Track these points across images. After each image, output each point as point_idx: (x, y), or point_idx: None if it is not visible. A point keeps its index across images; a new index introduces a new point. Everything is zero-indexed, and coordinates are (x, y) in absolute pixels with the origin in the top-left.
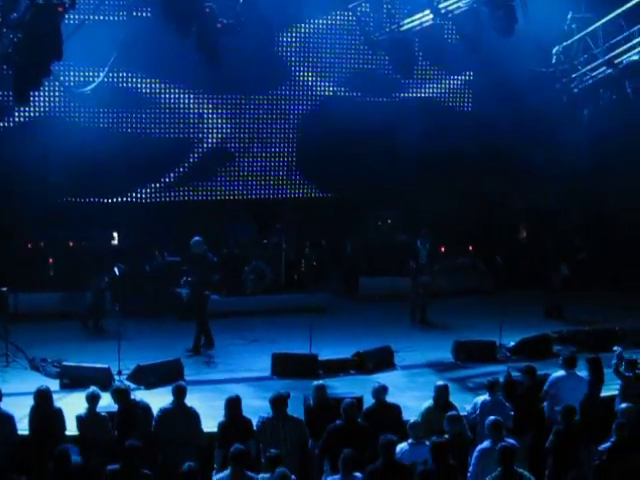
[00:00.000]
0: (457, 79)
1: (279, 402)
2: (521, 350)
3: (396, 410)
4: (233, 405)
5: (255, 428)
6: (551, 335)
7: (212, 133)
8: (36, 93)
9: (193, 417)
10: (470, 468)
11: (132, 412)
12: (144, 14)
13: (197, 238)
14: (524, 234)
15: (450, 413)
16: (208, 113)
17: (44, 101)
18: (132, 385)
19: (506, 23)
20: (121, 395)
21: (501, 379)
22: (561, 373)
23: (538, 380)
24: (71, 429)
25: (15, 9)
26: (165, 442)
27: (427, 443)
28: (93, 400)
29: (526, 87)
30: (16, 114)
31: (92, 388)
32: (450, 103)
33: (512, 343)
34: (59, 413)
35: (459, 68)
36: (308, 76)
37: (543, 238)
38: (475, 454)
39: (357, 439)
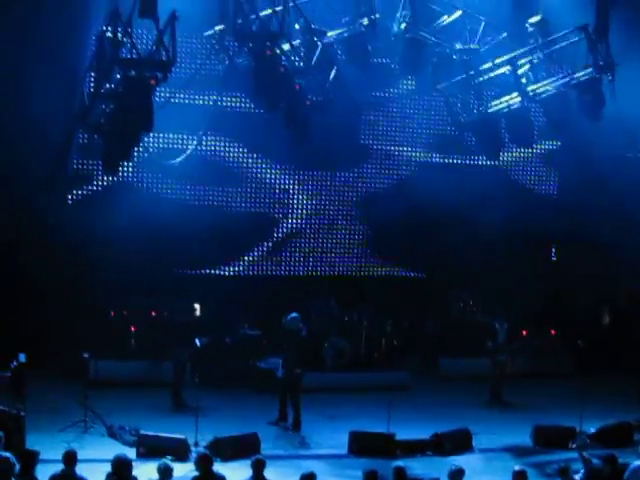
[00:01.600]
0: (543, 163)
1: (372, 478)
2: (601, 437)
3: None
4: None
5: None
6: (632, 423)
7: (297, 209)
8: None
9: None
10: None
11: None
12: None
13: (294, 315)
14: (607, 319)
15: None
16: (293, 189)
17: (130, 170)
18: None
19: (594, 107)
20: (204, 462)
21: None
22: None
23: (618, 469)
24: None
25: (108, 80)
26: None
27: None
28: (165, 473)
29: (612, 172)
30: (99, 181)
31: (163, 461)
32: (535, 186)
33: (592, 430)
34: None
35: (546, 151)
36: (392, 154)
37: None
38: None
39: None
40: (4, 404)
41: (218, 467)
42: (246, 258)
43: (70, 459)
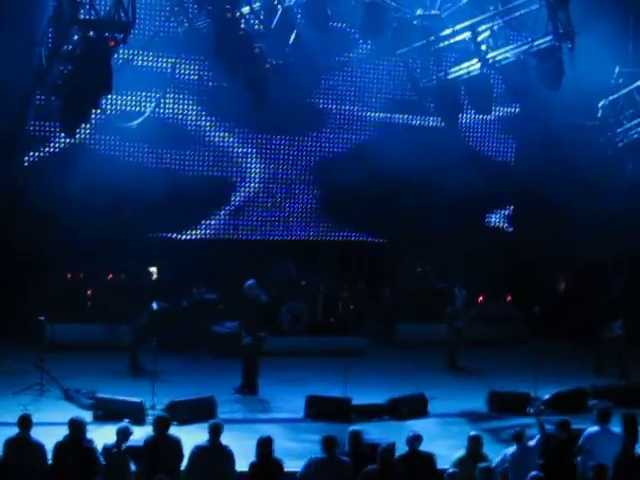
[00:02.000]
0: (501, 129)
1: (331, 444)
2: (556, 403)
3: (430, 458)
4: (265, 445)
5: (302, 468)
6: (586, 389)
7: (254, 173)
8: None
9: (228, 456)
10: None
11: (164, 445)
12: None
13: (251, 282)
14: (563, 285)
15: (482, 465)
16: (252, 153)
17: (88, 132)
18: None
19: (554, 75)
20: (162, 424)
21: (535, 431)
22: (595, 428)
23: (573, 434)
24: None
25: (66, 42)
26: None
27: None
28: (124, 435)
29: (570, 139)
30: (55, 143)
31: (124, 422)
32: (493, 152)
33: (547, 396)
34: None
35: (503, 118)
36: (351, 117)
37: (591, 292)
38: None
39: None
40: None
41: (174, 430)
42: (203, 222)
43: (25, 423)
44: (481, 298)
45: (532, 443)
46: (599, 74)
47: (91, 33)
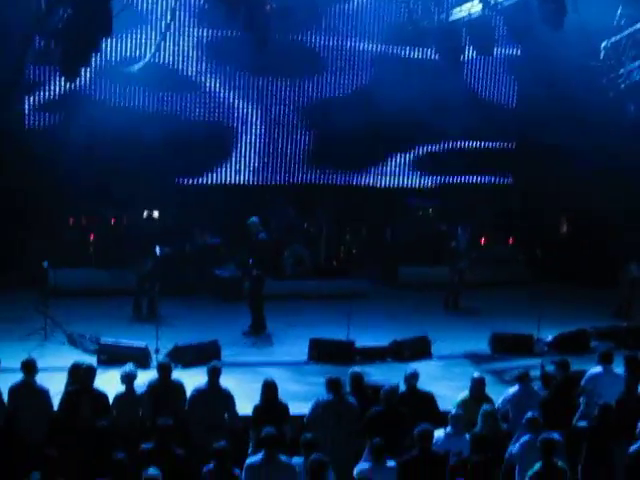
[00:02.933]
0: (503, 71)
1: (337, 385)
2: (558, 344)
3: (430, 398)
4: (269, 388)
5: (309, 410)
6: (589, 330)
7: (255, 118)
8: None
9: (227, 398)
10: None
11: (168, 390)
12: None
13: (253, 218)
14: (565, 228)
15: (484, 408)
16: (252, 97)
17: (88, 77)
18: None
19: (556, 15)
20: (164, 370)
21: (537, 372)
22: (598, 369)
23: (572, 374)
24: None
25: None
26: (198, 422)
27: (466, 436)
28: (129, 379)
29: (572, 80)
30: (56, 88)
31: (128, 366)
32: (494, 95)
33: (550, 337)
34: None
35: (505, 60)
36: (352, 60)
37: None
38: (517, 447)
39: (396, 426)
40: None
41: (178, 373)
42: (205, 167)
43: (29, 368)
44: (483, 240)
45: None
46: (601, 15)
47: None
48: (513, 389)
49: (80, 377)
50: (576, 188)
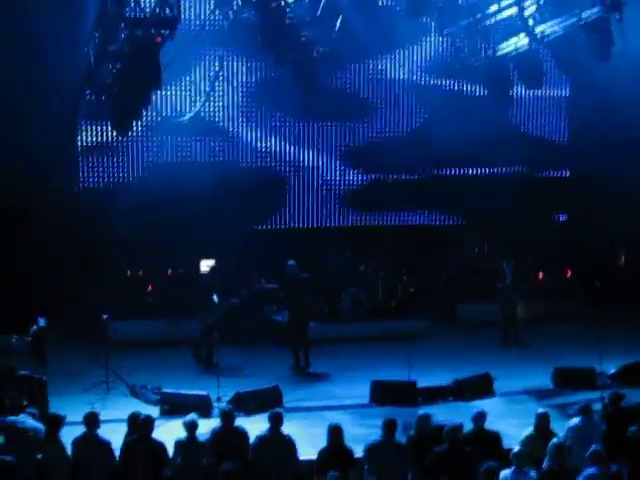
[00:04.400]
0: (552, 102)
1: (391, 427)
2: (622, 376)
3: (496, 437)
4: (335, 433)
5: (362, 452)
6: None
7: (306, 162)
8: None
9: (289, 444)
10: None
11: (231, 437)
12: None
13: (290, 262)
14: (622, 259)
15: (554, 441)
16: (303, 141)
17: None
18: None
19: (603, 47)
20: (227, 418)
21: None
22: None
23: (621, 407)
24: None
25: (114, 40)
26: (261, 469)
27: (531, 473)
28: (192, 427)
29: (623, 110)
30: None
31: (191, 415)
32: (545, 129)
33: (613, 370)
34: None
35: (555, 94)
36: (404, 104)
37: None
38: None
39: (461, 464)
40: (26, 369)
41: (241, 421)
42: (259, 213)
43: (91, 421)
44: (541, 275)
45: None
46: None
47: (138, 31)
48: (575, 422)
49: (138, 427)
50: (631, 216)
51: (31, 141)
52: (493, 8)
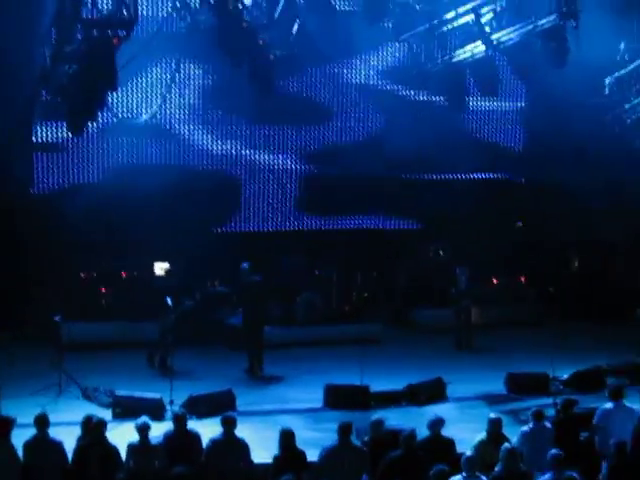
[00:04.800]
0: (508, 112)
1: (346, 430)
2: (574, 383)
3: (450, 443)
4: (287, 437)
5: (318, 456)
6: (604, 367)
7: (263, 165)
8: None
9: (243, 448)
10: None
11: (184, 440)
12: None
13: (243, 264)
14: (576, 264)
15: (505, 446)
16: (260, 145)
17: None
18: None
19: (559, 55)
20: (180, 421)
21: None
22: (609, 405)
23: (577, 413)
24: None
25: (70, 41)
26: (215, 473)
27: (482, 478)
28: (143, 430)
29: (577, 118)
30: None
31: (142, 418)
32: (501, 138)
33: (565, 375)
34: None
35: (510, 100)
36: (359, 106)
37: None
38: None
39: (415, 469)
40: None
41: (193, 424)
42: (213, 215)
43: (42, 422)
44: (495, 280)
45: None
46: (604, 51)
47: (94, 31)
48: (527, 427)
49: (91, 430)
50: (584, 222)
51: None
52: (450, 14)
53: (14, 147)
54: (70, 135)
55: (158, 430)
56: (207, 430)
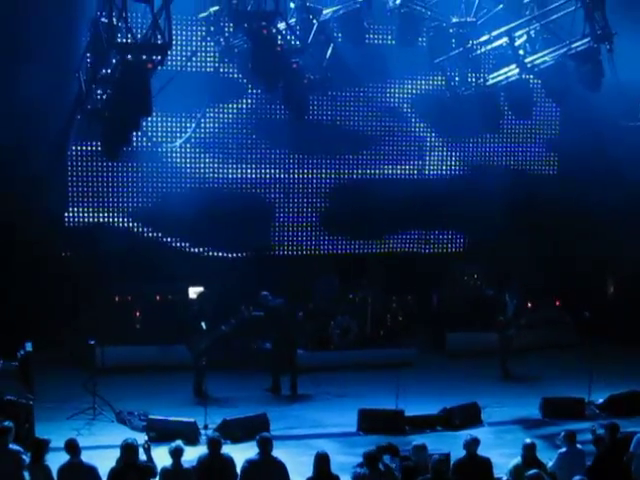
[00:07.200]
0: (542, 134)
1: (373, 458)
2: (610, 407)
3: (487, 464)
4: (322, 461)
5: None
6: (639, 392)
7: (297, 189)
8: None
9: (280, 468)
10: None
11: (218, 464)
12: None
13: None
14: (612, 289)
15: (529, 473)
16: (294, 169)
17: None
18: None
19: (593, 77)
20: (214, 446)
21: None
22: None
23: (620, 438)
24: None
25: (105, 66)
26: None
27: None
28: (177, 454)
29: (613, 141)
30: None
31: (176, 442)
32: (536, 163)
33: (601, 400)
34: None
35: (545, 123)
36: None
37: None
38: None
39: None
40: (12, 394)
41: (228, 449)
42: (248, 239)
43: (72, 448)
44: (530, 304)
45: (581, 446)
46: (639, 74)
47: (129, 56)
48: (561, 450)
49: (126, 453)
50: (619, 246)
51: (23, 165)
52: (484, 38)
53: (51, 171)
54: (105, 159)
55: (192, 454)
56: (242, 454)
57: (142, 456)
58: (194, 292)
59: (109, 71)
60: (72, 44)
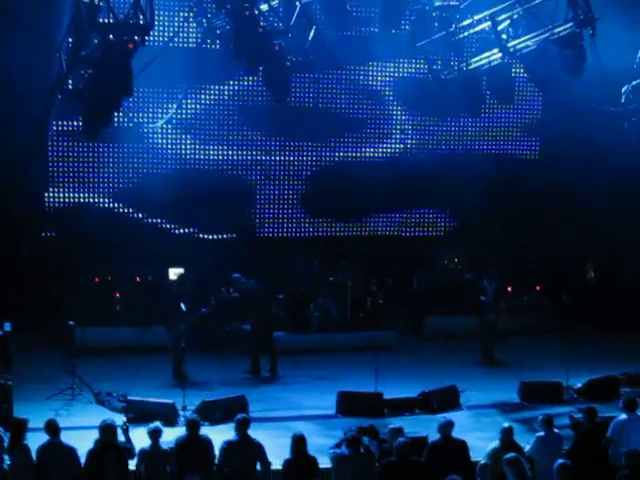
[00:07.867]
0: (525, 118)
1: (355, 440)
2: (588, 391)
3: (462, 446)
4: (299, 443)
5: (331, 463)
6: (618, 377)
7: (279, 172)
8: None
9: (258, 448)
10: None
11: (196, 446)
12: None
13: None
14: (592, 273)
15: (507, 456)
16: (275, 152)
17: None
18: None
19: (575, 62)
20: (192, 427)
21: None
22: (623, 417)
23: (598, 422)
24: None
25: (86, 46)
26: (230, 474)
27: None
28: (155, 435)
29: (594, 126)
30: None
31: (155, 423)
32: (517, 147)
33: (579, 384)
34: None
35: (526, 108)
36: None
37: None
38: None
39: (412, 475)
40: None
41: (207, 430)
42: (228, 221)
43: (52, 428)
44: (509, 289)
45: (558, 430)
46: (621, 59)
47: (110, 36)
48: (539, 434)
49: (104, 434)
50: (600, 231)
51: (2, 144)
52: (467, 22)
53: (30, 151)
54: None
55: (171, 435)
56: (220, 436)
57: (120, 437)
58: (174, 273)
59: (90, 51)
60: (53, 24)
